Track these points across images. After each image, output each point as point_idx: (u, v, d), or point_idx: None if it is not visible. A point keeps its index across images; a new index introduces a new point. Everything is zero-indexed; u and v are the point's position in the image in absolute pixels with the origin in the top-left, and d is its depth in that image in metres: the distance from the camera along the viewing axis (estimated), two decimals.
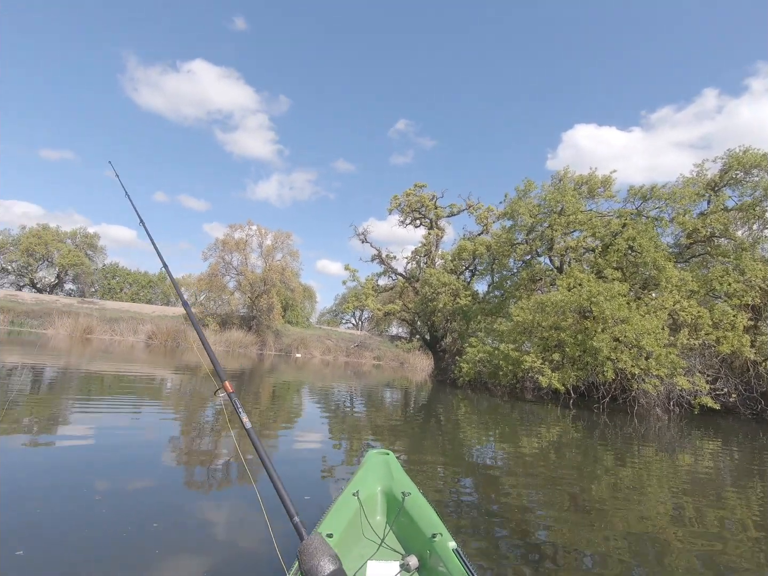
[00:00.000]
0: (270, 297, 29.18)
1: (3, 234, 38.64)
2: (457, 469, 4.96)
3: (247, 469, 3.87)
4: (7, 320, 23.42)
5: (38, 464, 3.66)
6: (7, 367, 9.64)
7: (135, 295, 47.15)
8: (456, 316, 20.90)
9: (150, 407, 6.95)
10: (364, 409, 9.68)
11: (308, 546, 1.41)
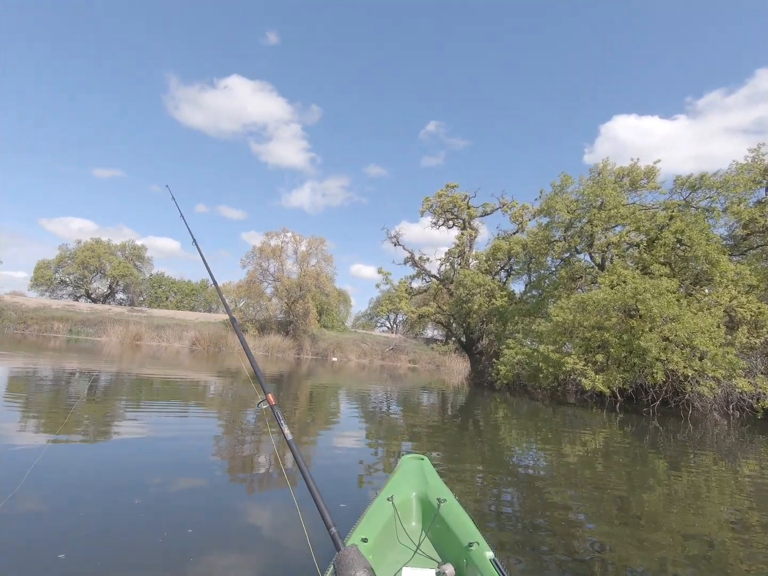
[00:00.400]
0: (306, 302, 29.73)
1: (62, 249, 41.64)
2: (495, 475, 4.81)
3: (286, 477, 3.92)
4: (66, 329, 25.16)
5: (87, 466, 3.86)
6: (67, 373, 10.33)
7: (179, 302, 49.41)
8: (492, 318, 20.46)
9: (194, 411, 7.22)
10: (400, 412, 9.62)
11: (345, 557, 1.44)
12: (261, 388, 2.04)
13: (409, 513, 2.58)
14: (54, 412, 5.95)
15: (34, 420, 5.53)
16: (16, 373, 9.70)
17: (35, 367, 10.90)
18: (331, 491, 3.74)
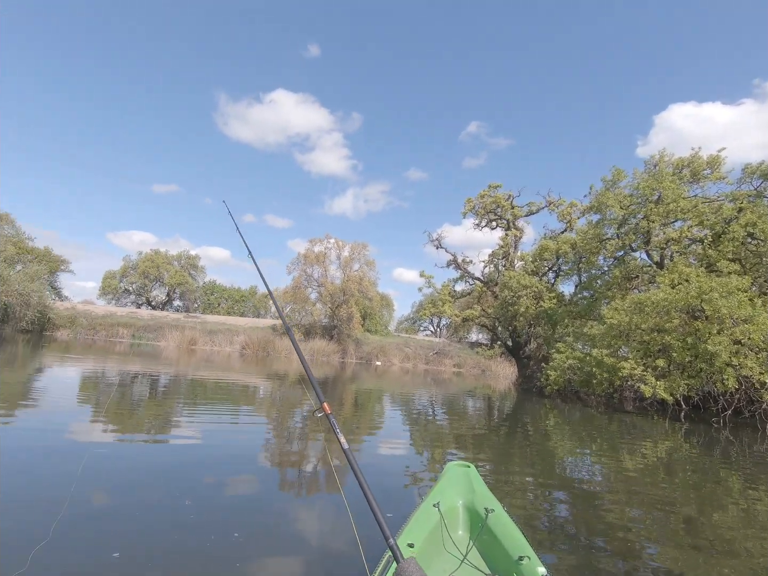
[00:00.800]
0: (349, 307, 30.13)
1: (126, 260, 45.00)
2: (547, 485, 4.58)
3: (339, 484, 3.94)
4: (130, 334, 27.06)
5: (142, 465, 4.07)
6: (131, 375, 11.08)
7: (230, 308, 51.73)
8: (540, 321, 19.70)
9: (245, 413, 7.48)
10: (445, 417, 9.46)
11: (405, 568, 1.46)
12: (317, 397, 2.05)
13: (456, 521, 2.52)
14: (119, 412, 6.38)
15: (102, 419, 5.95)
16: (88, 375, 10.53)
17: (103, 370, 11.79)
18: (377, 496, 3.71)
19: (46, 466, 3.73)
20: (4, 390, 7.36)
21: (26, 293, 23.32)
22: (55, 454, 4.10)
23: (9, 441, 4.37)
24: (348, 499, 2.33)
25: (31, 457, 3.94)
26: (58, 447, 4.34)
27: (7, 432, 4.72)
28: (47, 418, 5.54)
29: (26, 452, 4.07)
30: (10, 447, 4.17)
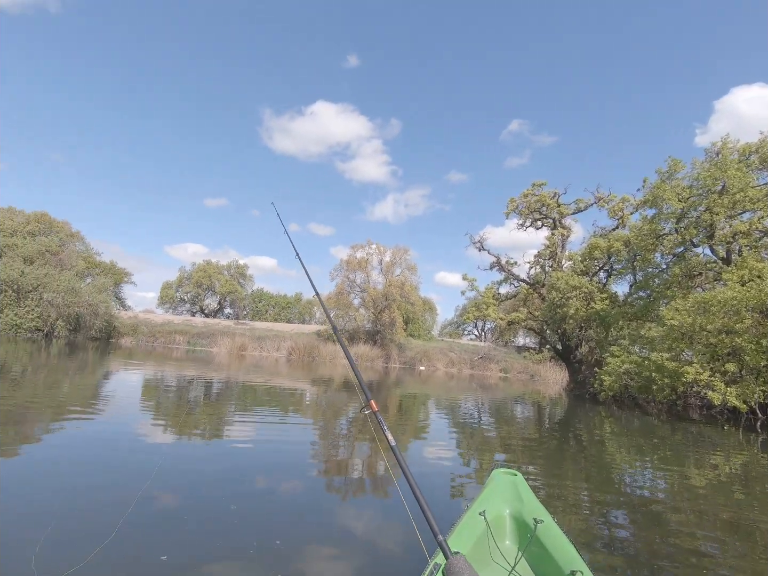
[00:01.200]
0: (392, 311, 30.20)
1: (181, 271, 47.85)
2: (603, 498, 4.30)
3: (393, 484, 3.93)
4: (185, 341, 28.66)
5: (192, 469, 4.22)
6: (186, 379, 11.71)
7: (277, 315, 53.47)
8: (592, 323, 18.74)
9: (293, 417, 7.66)
10: (492, 423, 9.20)
11: (455, 564, 1.46)
12: (364, 395, 2.13)
13: (503, 530, 2.43)
14: (176, 416, 6.74)
15: (161, 422, 6.31)
16: (148, 380, 11.24)
17: (162, 375, 12.54)
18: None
19: (110, 467, 4.00)
20: (77, 393, 8.00)
21: (95, 304, 25.36)
22: (116, 456, 4.39)
23: (79, 441, 4.73)
24: (401, 500, 2.28)
25: (99, 458, 4.24)
26: (120, 449, 4.64)
27: (78, 433, 5.11)
28: (114, 420, 5.96)
29: (94, 454, 4.38)
30: (81, 447, 4.51)
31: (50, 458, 4.03)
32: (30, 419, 5.52)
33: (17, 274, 23.69)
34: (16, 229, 32.58)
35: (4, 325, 22.60)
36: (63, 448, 4.42)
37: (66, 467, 3.82)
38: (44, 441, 4.68)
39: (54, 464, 3.87)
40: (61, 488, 3.30)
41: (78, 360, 14.44)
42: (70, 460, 4.01)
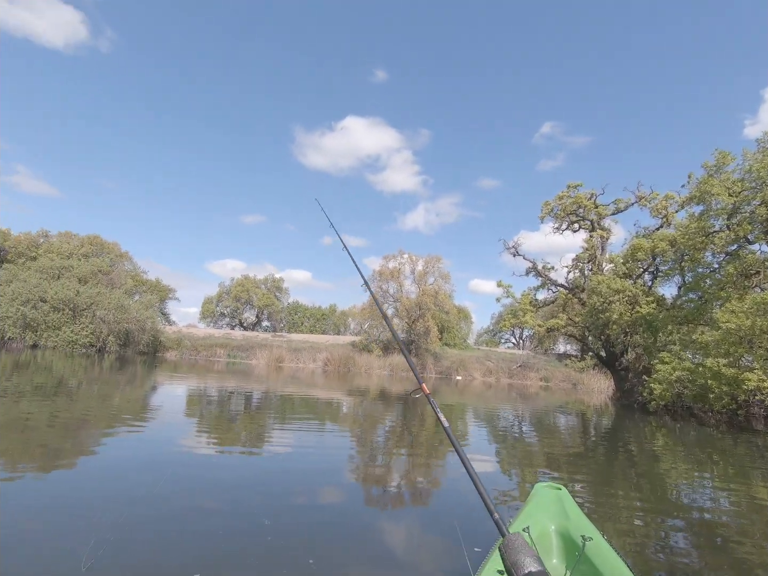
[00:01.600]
0: (426, 321, 29.99)
1: (221, 286, 49.72)
2: (658, 516, 4.01)
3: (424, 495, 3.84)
4: (226, 353, 29.61)
5: (228, 481, 4.29)
6: (227, 391, 12.05)
7: (312, 327, 54.32)
8: (637, 328, 17.79)
9: (330, 428, 7.68)
10: (534, 435, 8.86)
11: (512, 542, 1.42)
12: (416, 380, 2.24)
13: (549, 548, 2.30)
14: (218, 427, 6.93)
15: (204, 433, 6.50)
16: (192, 392, 11.66)
17: (205, 387, 12.98)
18: (461, 517, 3.55)
19: (153, 478, 4.14)
20: (128, 406, 8.40)
21: (142, 320, 26.72)
22: (161, 467, 4.54)
23: (127, 452, 4.94)
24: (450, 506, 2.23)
25: (144, 470, 4.40)
26: (164, 461, 4.80)
27: (127, 445, 5.35)
28: (161, 432, 6.20)
29: (141, 465, 4.56)
30: (129, 458, 4.71)
31: (102, 469, 4.23)
32: (85, 431, 5.84)
33: (73, 294, 25.39)
34: (72, 252, 35.04)
35: (62, 341, 24.20)
36: (113, 459, 4.63)
37: (114, 481, 3.99)
38: (97, 452, 4.92)
39: (104, 476, 4.05)
40: (108, 499, 3.45)
41: (127, 373, 15.20)
42: (117, 473, 4.18)
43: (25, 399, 7.82)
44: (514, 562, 1.34)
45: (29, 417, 6.24)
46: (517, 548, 1.38)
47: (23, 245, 35.65)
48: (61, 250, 34.88)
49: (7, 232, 36.22)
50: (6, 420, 5.95)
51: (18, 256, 34.57)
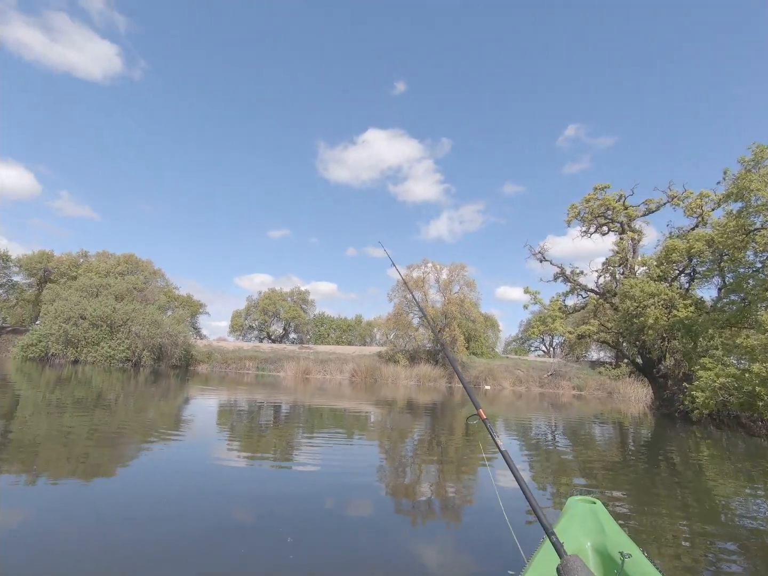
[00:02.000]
0: (452, 329, 29.65)
1: (249, 300, 50.82)
2: (706, 531, 3.77)
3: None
4: (254, 366, 30.10)
5: (259, 493, 4.32)
6: (257, 403, 12.22)
7: (339, 338, 54.60)
8: (675, 333, 17.01)
9: (359, 439, 7.65)
10: (569, 446, 8.54)
11: (571, 563, 1.39)
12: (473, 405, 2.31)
13: None
14: (249, 439, 7.01)
15: (235, 445, 6.59)
16: (223, 405, 11.88)
17: (235, 399, 13.21)
18: (495, 531, 3.44)
19: (186, 492, 4.21)
20: (162, 419, 8.64)
21: (175, 334, 27.57)
22: (192, 481, 4.62)
23: (159, 464, 5.06)
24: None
25: (176, 481, 4.49)
26: (194, 474, 4.89)
27: (160, 456, 5.48)
28: (193, 445, 6.33)
29: (172, 475, 4.65)
30: (161, 470, 4.82)
31: (137, 480, 4.34)
32: (122, 443, 6.03)
33: (110, 311, 26.51)
34: (109, 270, 36.69)
35: (100, 356, 25.23)
36: (147, 472, 4.75)
37: (146, 494, 4.08)
38: (133, 465, 5.06)
39: (139, 487, 4.16)
40: (141, 513, 3.52)
41: (161, 387, 15.66)
42: (150, 486, 4.28)
43: (67, 412, 8.17)
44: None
45: (71, 430, 6.50)
46: (575, 571, 1.35)
47: (65, 265, 37.63)
48: (99, 269, 36.58)
49: (50, 254, 38.35)
50: (50, 432, 6.22)
51: (60, 276, 36.50)
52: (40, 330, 26.16)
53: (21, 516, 3.26)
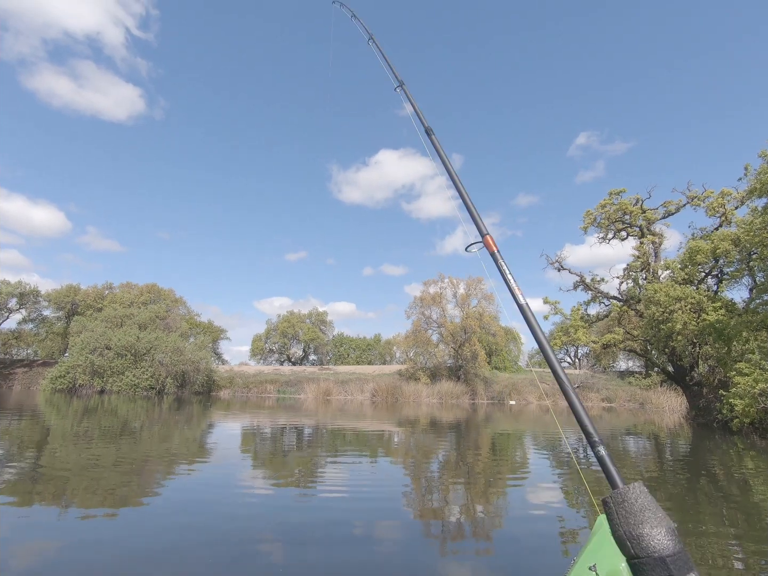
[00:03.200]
0: (472, 344, 29.20)
1: (268, 323, 51.28)
2: (759, 549, 3.48)
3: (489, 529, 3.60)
4: (275, 389, 30.13)
5: (283, 519, 4.23)
6: (279, 427, 12.15)
7: (359, 357, 54.38)
8: (706, 337, 16.34)
9: (382, 461, 7.48)
10: None
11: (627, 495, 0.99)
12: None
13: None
14: (272, 464, 6.93)
15: (259, 471, 6.52)
16: (245, 430, 11.85)
17: (257, 424, 13.17)
18: (523, 553, 3.25)
19: (211, 521, 4.15)
20: (186, 446, 8.65)
21: (196, 360, 27.92)
22: (212, 503, 4.56)
23: (183, 494, 5.02)
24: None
25: (200, 511, 4.43)
26: (217, 497, 4.82)
27: (184, 486, 5.44)
28: (216, 472, 6.28)
29: (193, 504, 4.60)
30: (184, 500, 4.77)
31: (163, 508, 4.31)
32: (147, 472, 6.03)
33: (134, 340, 27.09)
34: (133, 300, 37.66)
35: (125, 385, 25.68)
36: (172, 499, 4.71)
37: (172, 521, 4.04)
38: (159, 493, 5.04)
39: (163, 516, 4.12)
40: (164, 541, 3.47)
41: (185, 414, 15.76)
42: (176, 513, 4.24)
43: (94, 442, 8.26)
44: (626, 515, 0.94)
45: (98, 460, 6.55)
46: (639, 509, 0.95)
47: (91, 298, 38.83)
48: (123, 299, 37.62)
49: (77, 287, 39.68)
50: (79, 463, 6.28)
51: (86, 308, 37.63)
52: (67, 362, 26.87)
53: (53, 546, 3.30)
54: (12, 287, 35.57)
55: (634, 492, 0.98)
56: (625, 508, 0.96)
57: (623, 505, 0.97)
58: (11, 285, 35.64)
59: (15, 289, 35.70)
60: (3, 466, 5.86)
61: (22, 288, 36.18)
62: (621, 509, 0.97)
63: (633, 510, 0.93)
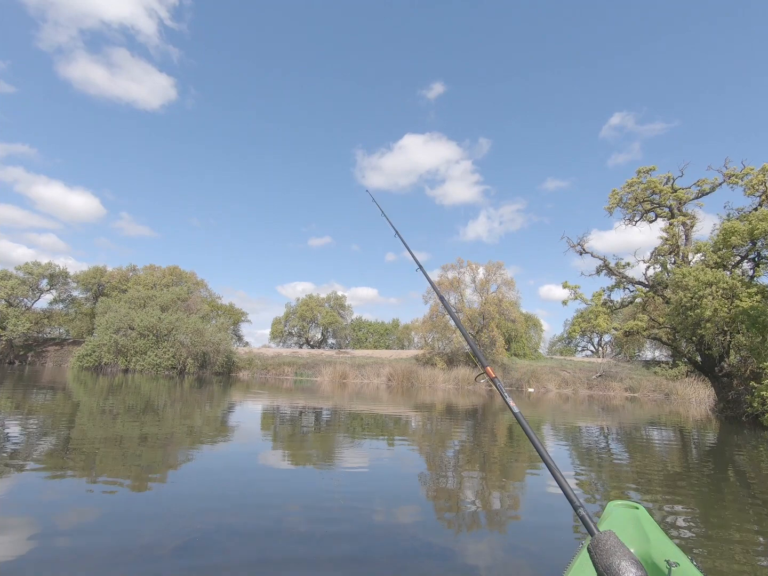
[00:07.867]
0: (490, 330, 28.92)
1: (287, 306, 51.93)
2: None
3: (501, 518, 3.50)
4: (293, 371, 30.62)
5: (301, 499, 4.22)
6: (297, 409, 12.31)
7: (376, 342, 54.72)
8: (739, 325, 15.63)
9: (400, 445, 7.45)
10: (624, 453, 7.95)
11: (603, 541, 1.24)
12: (479, 362, 2.03)
13: None
14: (291, 443, 6.99)
15: (278, 450, 6.59)
16: (265, 410, 12.05)
17: (276, 405, 13.37)
18: (539, 541, 3.14)
19: (232, 495, 4.17)
20: (208, 424, 8.82)
21: (216, 342, 28.52)
22: (231, 481, 4.58)
23: (204, 469, 5.08)
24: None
25: (221, 486, 4.47)
26: (239, 479, 4.85)
27: (206, 461, 5.52)
28: (238, 449, 6.39)
29: (215, 481, 4.65)
30: (205, 474, 4.82)
31: (191, 478, 4.36)
32: (172, 447, 6.18)
33: (156, 320, 27.81)
34: (156, 282, 38.59)
35: (148, 365, 26.49)
36: (198, 470, 4.79)
37: (199, 490, 4.07)
38: (183, 467, 5.19)
39: (189, 488, 4.16)
40: (181, 518, 3.49)
41: (206, 393, 16.15)
42: (203, 484, 4.29)
43: (120, 418, 8.51)
44: (607, 567, 1.16)
45: (124, 435, 6.74)
46: (609, 550, 1.19)
47: (116, 279, 39.99)
48: (147, 281, 38.58)
49: (103, 269, 40.89)
50: (105, 438, 6.49)
51: (112, 289, 38.80)
52: (93, 341, 27.86)
53: (92, 513, 3.52)
54: (42, 268, 36.90)
55: (606, 537, 1.25)
56: (600, 548, 1.21)
57: (599, 546, 1.22)
58: (42, 266, 36.97)
59: (45, 270, 37.04)
60: (39, 439, 6.22)
61: (52, 269, 37.49)
62: (597, 549, 1.21)
63: (606, 549, 1.19)
